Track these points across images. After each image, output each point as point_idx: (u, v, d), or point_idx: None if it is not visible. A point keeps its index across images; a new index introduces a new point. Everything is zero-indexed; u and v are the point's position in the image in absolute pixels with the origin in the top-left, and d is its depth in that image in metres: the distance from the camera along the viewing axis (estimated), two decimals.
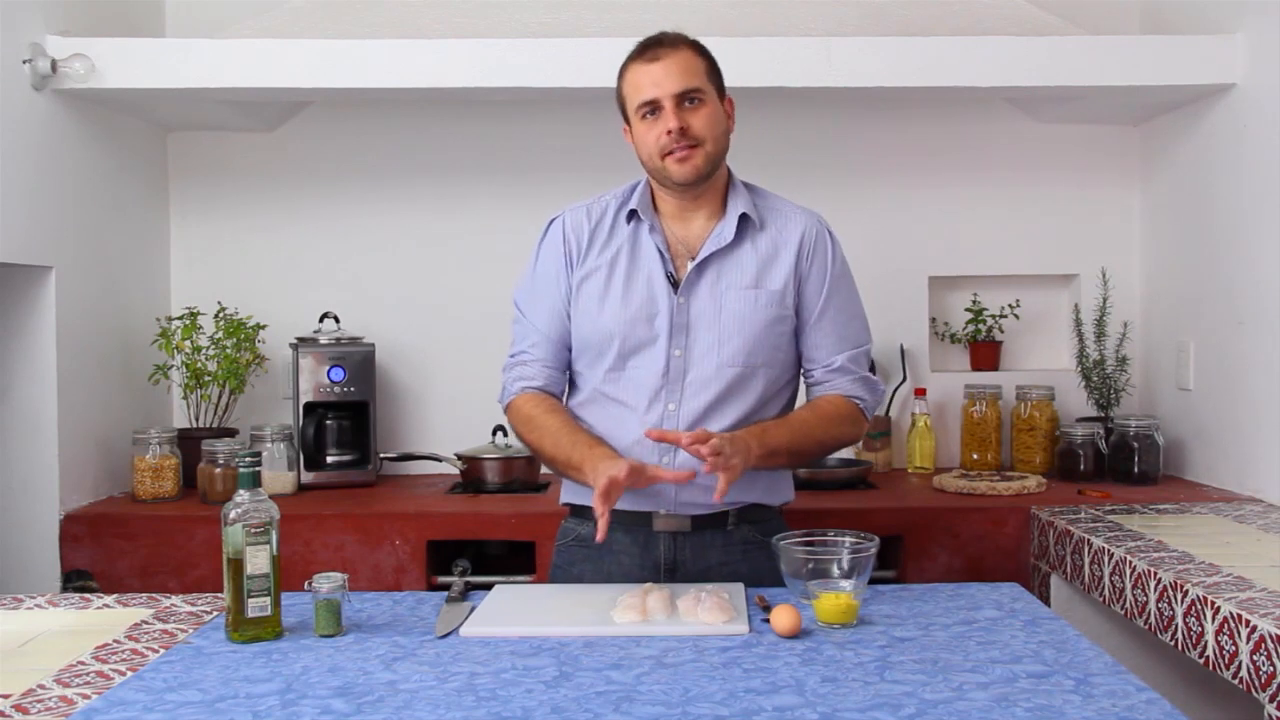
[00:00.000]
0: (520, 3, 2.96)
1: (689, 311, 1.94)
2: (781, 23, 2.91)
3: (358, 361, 3.06)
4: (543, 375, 2.02)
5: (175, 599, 1.88)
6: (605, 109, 3.21)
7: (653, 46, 1.90)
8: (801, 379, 2.09)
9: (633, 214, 1.98)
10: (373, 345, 3.12)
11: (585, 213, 2.02)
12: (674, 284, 1.95)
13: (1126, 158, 3.36)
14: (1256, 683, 1.67)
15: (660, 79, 1.87)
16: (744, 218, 1.96)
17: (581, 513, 2.03)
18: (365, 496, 2.93)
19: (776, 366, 1.99)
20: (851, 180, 3.34)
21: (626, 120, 1.98)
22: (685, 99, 1.88)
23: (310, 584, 1.67)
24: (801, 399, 2.09)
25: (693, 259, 1.96)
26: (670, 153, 1.88)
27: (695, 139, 1.88)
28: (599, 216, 2.01)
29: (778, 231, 2.00)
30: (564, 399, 2.07)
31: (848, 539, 1.81)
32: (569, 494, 2.06)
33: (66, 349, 2.72)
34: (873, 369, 2.11)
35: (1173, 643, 1.94)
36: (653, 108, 1.89)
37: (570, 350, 2.03)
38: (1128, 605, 2.12)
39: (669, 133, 1.87)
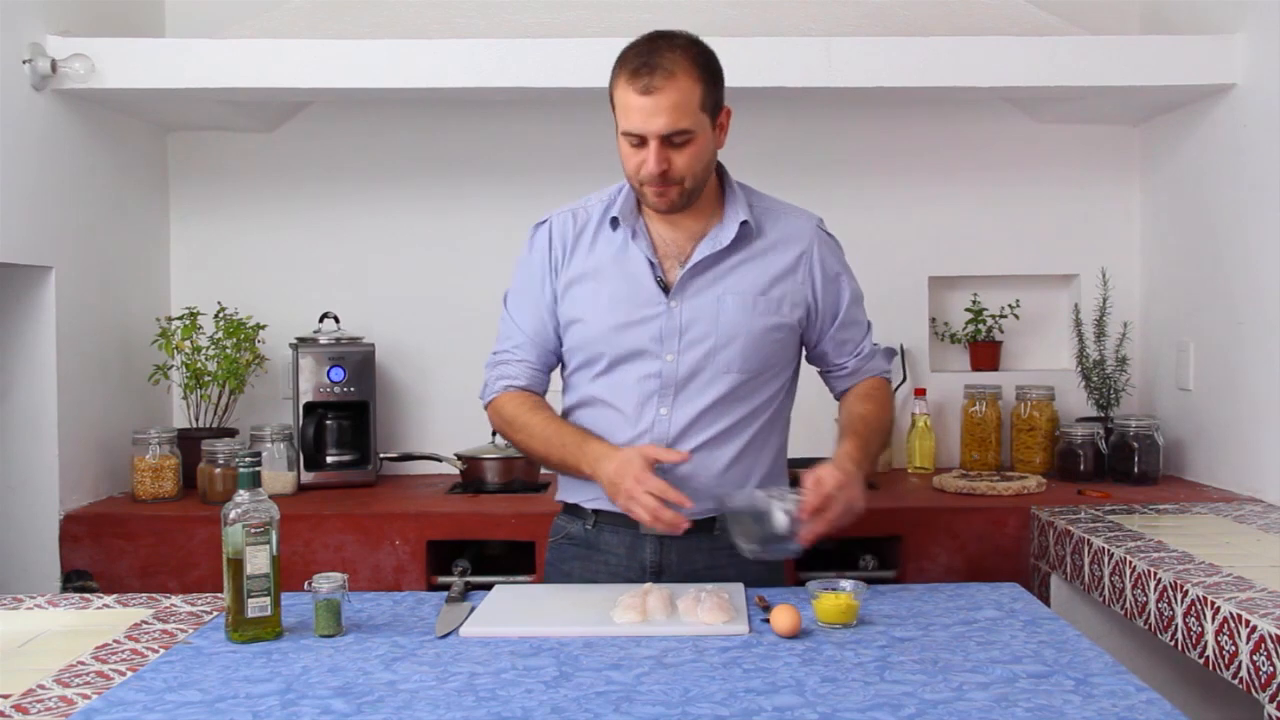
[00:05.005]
0: (520, 3, 2.96)
1: (681, 316, 1.92)
2: (781, 23, 2.91)
3: (358, 361, 3.06)
4: (526, 375, 2.02)
5: (175, 599, 1.88)
6: (605, 109, 3.23)
7: (646, 73, 1.78)
8: (825, 374, 2.11)
9: (616, 219, 1.95)
10: (373, 345, 3.12)
11: (571, 216, 2.01)
12: (664, 288, 1.93)
13: (1126, 158, 3.36)
14: (1256, 683, 1.67)
15: (650, 116, 1.79)
16: (743, 224, 1.94)
17: (573, 510, 2.04)
18: (365, 496, 2.93)
19: (771, 374, 1.98)
20: (851, 180, 3.34)
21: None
22: (672, 137, 1.81)
23: (310, 584, 1.67)
24: (808, 393, 2.11)
25: (683, 262, 1.93)
26: (646, 184, 1.85)
27: (674, 179, 1.84)
28: (584, 221, 1.99)
29: (777, 237, 1.98)
30: (545, 398, 2.06)
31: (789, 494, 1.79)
32: (562, 492, 2.06)
33: (66, 349, 2.72)
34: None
35: (1173, 643, 1.94)
36: (639, 139, 1.83)
37: (555, 353, 2.04)
38: (1128, 605, 2.12)
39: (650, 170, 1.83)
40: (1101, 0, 3.28)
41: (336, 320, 3.17)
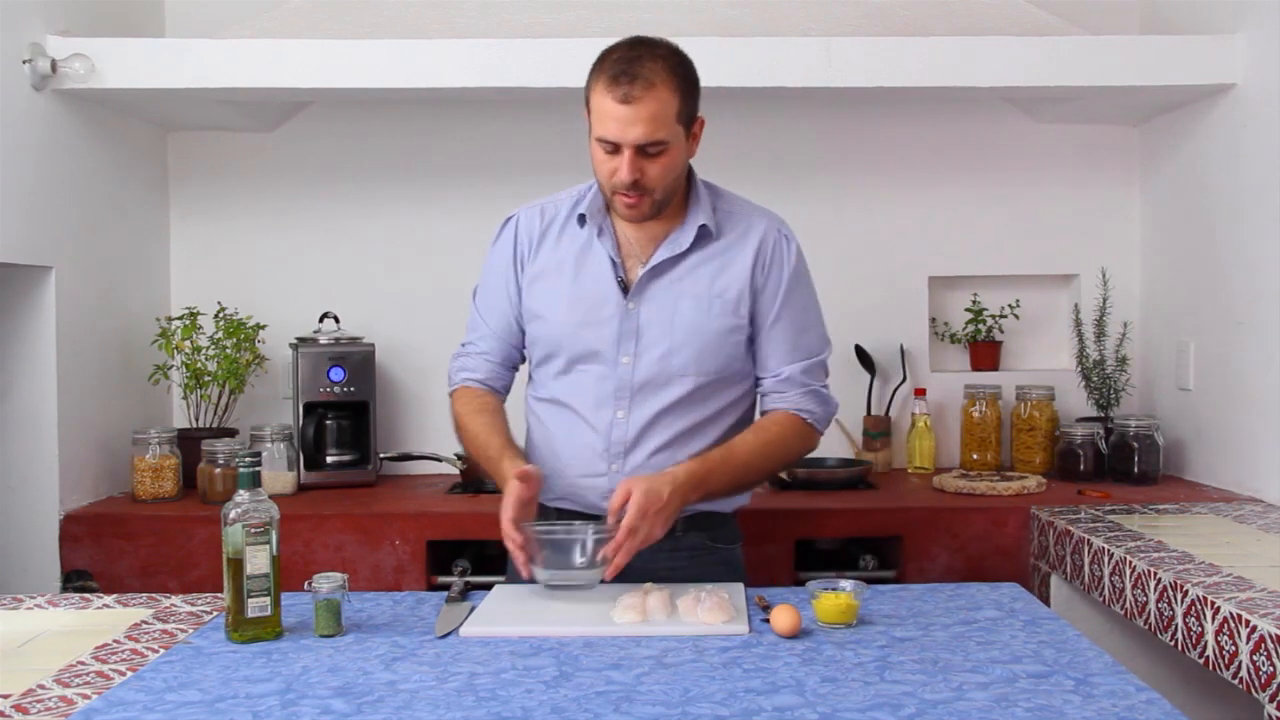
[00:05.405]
0: (520, 3, 2.96)
1: (639, 318, 1.91)
2: (781, 23, 2.91)
3: (358, 361, 3.06)
4: (484, 369, 2.04)
5: (175, 599, 1.88)
6: None
7: (625, 81, 1.78)
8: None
9: (583, 216, 1.95)
10: (373, 345, 3.12)
11: (539, 212, 2.01)
12: (624, 289, 1.93)
13: (1126, 158, 3.36)
14: (1256, 683, 1.67)
15: (626, 126, 1.79)
16: (702, 228, 1.92)
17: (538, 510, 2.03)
18: (365, 496, 2.93)
19: (731, 376, 1.96)
20: (851, 180, 3.34)
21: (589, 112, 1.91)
22: (647, 147, 1.81)
23: (310, 584, 1.67)
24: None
25: (644, 263, 1.93)
26: (618, 192, 1.85)
27: (646, 189, 1.84)
28: (552, 216, 2.00)
29: (736, 238, 1.95)
30: (507, 393, 2.08)
31: (591, 527, 1.80)
32: None
33: (66, 349, 2.72)
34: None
35: (1173, 643, 1.94)
36: (613, 146, 1.83)
37: (518, 349, 2.06)
38: (1128, 605, 2.12)
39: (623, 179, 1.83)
40: (1101, 0, 3.28)
41: (336, 320, 3.17)
